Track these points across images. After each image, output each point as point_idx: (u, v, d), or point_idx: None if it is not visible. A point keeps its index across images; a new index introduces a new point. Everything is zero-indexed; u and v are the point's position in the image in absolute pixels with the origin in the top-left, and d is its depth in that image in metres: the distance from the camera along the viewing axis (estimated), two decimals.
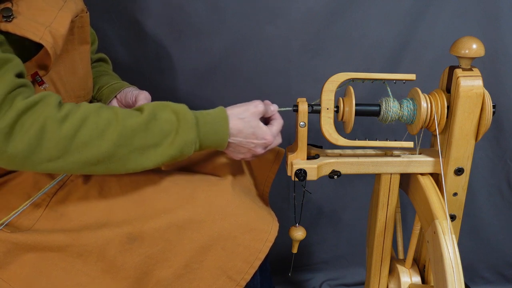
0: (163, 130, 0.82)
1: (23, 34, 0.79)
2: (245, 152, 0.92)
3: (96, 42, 1.17)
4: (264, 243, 0.91)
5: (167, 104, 0.85)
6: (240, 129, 0.88)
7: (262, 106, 0.91)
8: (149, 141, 0.81)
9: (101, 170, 0.80)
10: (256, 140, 0.90)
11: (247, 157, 0.93)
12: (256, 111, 0.90)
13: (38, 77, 0.84)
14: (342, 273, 1.69)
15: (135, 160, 0.81)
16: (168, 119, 0.82)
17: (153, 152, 0.81)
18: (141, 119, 0.80)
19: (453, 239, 0.88)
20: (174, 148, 0.82)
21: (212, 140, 0.87)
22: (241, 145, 0.90)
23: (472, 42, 0.89)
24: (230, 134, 0.88)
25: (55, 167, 0.76)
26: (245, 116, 0.89)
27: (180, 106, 0.85)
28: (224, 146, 0.88)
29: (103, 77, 1.09)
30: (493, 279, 1.67)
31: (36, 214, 0.90)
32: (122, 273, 0.87)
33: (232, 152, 0.92)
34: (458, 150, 0.95)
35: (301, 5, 1.35)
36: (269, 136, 0.91)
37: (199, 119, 0.85)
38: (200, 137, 0.85)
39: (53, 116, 0.74)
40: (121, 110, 0.81)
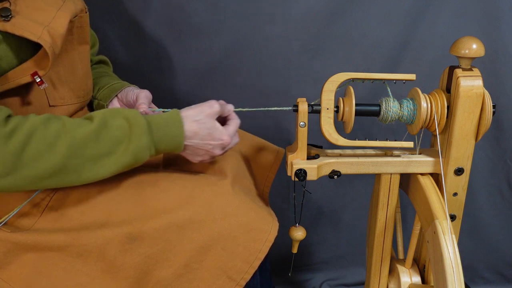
0: (115, 138, 0.81)
1: (21, 34, 0.79)
2: (203, 154, 0.91)
3: (97, 45, 1.17)
4: (264, 243, 0.91)
5: (117, 111, 0.84)
6: (195, 132, 0.88)
7: (218, 106, 0.90)
8: (101, 150, 0.80)
9: (55, 183, 0.79)
10: (213, 142, 0.89)
11: (205, 159, 0.93)
12: (211, 112, 0.89)
13: (38, 77, 0.84)
14: (342, 273, 1.69)
15: (89, 170, 0.80)
16: (120, 125, 0.81)
17: (107, 161, 0.81)
18: (91, 128, 0.79)
19: (453, 239, 0.88)
20: (128, 155, 0.82)
21: (168, 144, 0.86)
22: (198, 147, 0.90)
23: (472, 42, 0.89)
24: (185, 137, 0.87)
25: (4, 185, 0.75)
26: (200, 118, 0.88)
27: (131, 111, 0.84)
28: (180, 149, 0.88)
29: (103, 78, 1.09)
30: (493, 279, 1.67)
31: (36, 213, 0.90)
32: (122, 273, 0.87)
33: (190, 155, 0.92)
34: (458, 150, 0.95)
35: (301, 5, 1.35)
36: (226, 136, 0.90)
37: (152, 124, 0.84)
38: (155, 141, 0.84)
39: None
40: (70, 120, 0.80)
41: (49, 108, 0.91)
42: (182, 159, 1.08)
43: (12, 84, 0.83)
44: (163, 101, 1.46)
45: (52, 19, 0.84)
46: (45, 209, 0.90)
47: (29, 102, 0.88)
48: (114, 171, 0.82)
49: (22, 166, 0.74)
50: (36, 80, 0.84)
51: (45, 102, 0.90)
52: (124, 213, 0.89)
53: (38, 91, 0.88)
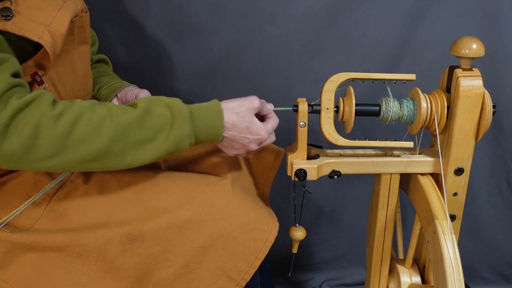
0: (157, 125, 0.82)
1: (22, 34, 0.79)
2: (239, 147, 0.91)
3: (96, 44, 1.17)
4: (264, 243, 0.91)
5: (160, 99, 0.85)
6: (234, 123, 0.88)
7: (258, 102, 0.91)
8: (144, 136, 0.81)
9: (97, 166, 0.80)
10: (250, 136, 0.90)
11: (241, 153, 0.93)
12: (251, 107, 0.90)
13: (38, 77, 0.84)
14: (342, 273, 1.69)
15: (131, 156, 0.81)
16: (162, 113, 0.82)
17: (149, 147, 0.81)
18: (136, 114, 0.80)
19: (453, 239, 0.88)
20: (170, 142, 0.82)
21: (207, 134, 0.87)
22: (235, 140, 0.90)
23: (472, 42, 0.89)
24: (224, 128, 0.87)
25: (51, 165, 0.76)
26: (240, 111, 0.89)
27: (173, 100, 0.85)
28: (218, 139, 0.88)
29: (103, 77, 1.09)
30: (493, 279, 1.67)
31: (36, 214, 0.90)
32: (122, 273, 0.87)
33: (226, 147, 0.92)
34: (458, 150, 0.95)
35: (301, 5, 1.35)
36: (264, 132, 0.91)
37: (194, 113, 0.85)
38: (195, 130, 0.85)
39: (47, 114, 0.74)
40: (115, 106, 0.82)
41: None
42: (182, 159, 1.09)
43: None
44: None
45: (52, 19, 0.84)
46: (45, 209, 0.90)
47: None
48: (155, 157, 0.83)
49: (69, 148, 0.76)
50: (37, 80, 0.84)
51: None
52: (124, 213, 0.89)
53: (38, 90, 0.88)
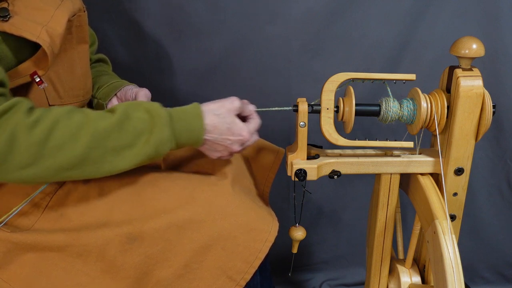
0: (136, 130, 0.81)
1: (20, 34, 0.79)
2: (221, 150, 0.91)
3: (96, 43, 1.16)
4: (264, 243, 0.91)
5: (140, 103, 0.84)
6: (215, 125, 0.87)
7: (238, 103, 0.90)
8: (123, 141, 0.80)
9: (76, 174, 0.79)
10: (232, 137, 0.89)
11: (224, 155, 0.92)
12: (232, 107, 0.89)
13: (37, 77, 0.84)
14: (342, 273, 1.69)
15: (110, 162, 0.80)
16: (141, 118, 0.82)
17: (128, 153, 0.81)
18: (114, 119, 0.80)
19: (453, 239, 0.88)
20: (149, 147, 0.82)
21: (188, 137, 0.86)
22: (217, 142, 0.89)
23: (472, 42, 0.89)
24: (205, 130, 0.87)
25: (28, 175, 0.75)
26: (220, 112, 0.88)
27: (153, 104, 0.84)
28: (200, 143, 0.88)
29: (102, 77, 1.09)
30: (493, 279, 1.67)
31: (36, 214, 0.90)
32: (122, 273, 0.87)
33: (209, 150, 0.91)
34: (458, 150, 0.95)
35: (301, 5, 1.35)
36: (246, 132, 0.90)
37: (173, 116, 0.85)
38: (176, 134, 0.85)
39: (22, 122, 0.73)
40: (93, 112, 0.81)
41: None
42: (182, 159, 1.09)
43: (11, 85, 0.83)
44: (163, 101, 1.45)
45: (50, 18, 0.84)
46: (45, 209, 0.90)
47: None
48: (135, 163, 0.82)
49: (46, 156, 0.75)
50: (36, 80, 0.84)
51: (44, 102, 0.90)
52: (124, 213, 0.89)
53: (38, 91, 0.88)
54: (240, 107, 0.91)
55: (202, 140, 0.88)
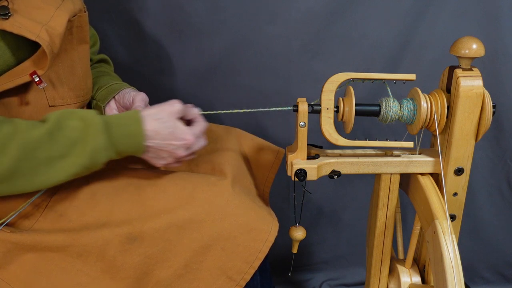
0: (70, 139, 0.78)
1: (20, 33, 0.79)
2: (166, 156, 0.88)
3: (97, 44, 1.16)
4: (264, 243, 0.91)
5: (73, 112, 0.81)
6: (156, 130, 0.84)
7: (179, 106, 0.87)
8: (55, 152, 0.77)
9: (7, 189, 0.77)
10: (175, 141, 0.86)
11: (169, 162, 0.89)
12: (172, 111, 0.86)
13: (36, 76, 0.83)
14: (342, 273, 1.69)
15: (43, 174, 0.77)
16: (75, 126, 0.79)
17: (62, 163, 0.78)
18: (45, 129, 0.77)
19: (453, 239, 0.88)
20: (84, 156, 0.79)
21: (128, 144, 0.83)
22: (161, 148, 0.86)
23: (472, 42, 0.89)
24: (146, 136, 0.84)
25: None
26: (161, 117, 0.85)
27: (88, 112, 0.81)
28: (141, 150, 0.85)
29: (103, 78, 1.09)
30: (493, 279, 1.67)
31: (36, 214, 0.90)
32: (122, 273, 0.87)
33: (153, 158, 0.88)
34: (458, 150, 0.95)
35: (301, 5, 1.35)
36: (190, 136, 0.87)
37: (110, 124, 0.81)
38: (114, 142, 0.82)
39: None
40: (23, 122, 0.78)
41: (49, 109, 0.91)
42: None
43: (11, 84, 0.83)
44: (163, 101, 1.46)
45: (50, 18, 0.84)
46: (45, 210, 0.90)
47: (28, 102, 0.88)
48: (71, 174, 0.80)
49: None
50: (35, 79, 0.83)
51: (44, 103, 0.90)
52: (124, 213, 0.89)
53: (38, 91, 0.88)
54: (182, 110, 0.88)
55: (143, 147, 0.84)
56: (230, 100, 1.46)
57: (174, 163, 0.90)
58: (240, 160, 1.08)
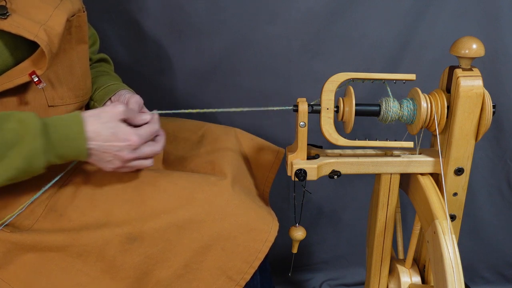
0: (6, 141, 0.76)
1: (18, 32, 0.79)
2: (111, 159, 0.84)
3: (97, 43, 1.16)
4: (264, 243, 0.91)
5: (12, 113, 0.78)
6: (97, 131, 0.81)
7: (122, 107, 0.84)
8: None
9: None
10: (118, 143, 0.83)
11: (117, 165, 0.86)
12: (114, 112, 0.83)
13: (35, 76, 0.83)
14: (342, 273, 1.69)
15: None
16: (12, 128, 0.76)
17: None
18: None
19: (453, 239, 0.88)
20: (20, 159, 0.76)
21: (69, 147, 0.80)
22: (104, 150, 0.83)
23: (472, 42, 0.89)
24: (87, 138, 0.81)
25: None
26: (102, 117, 0.82)
27: (27, 114, 0.78)
28: (84, 153, 0.81)
29: (101, 77, 1.08)
30: (493, 279, 1.67)
31: (36, 214, 0.90)
32: (122, 273, 0.87)
33: (99, 161, 0.85)
34: (458, 150, 0.95)
35: (301, 5, 1.35)
36: (134, 136, 0.84)
37: (49, 126, 0.78)
38: (53, 144, 0.79)
39: None
40: None
41: (48, 109, 0.91)
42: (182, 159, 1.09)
43: (10, 84, 0.83)
44: (163, 101, 1.47)
45: (49, 17, 0.84)
46: (45, 209, 0.90)
47: (27, 102, 0.88)
48: (6, 178, 0.77)
49: None
50: (34, 79, 0.83)
51: (43, 103, 0.90)
52: (124, 213, 0.89)
53: (37, 91, 0.88)
54: (125, 112, 0.84)
55: (86, 150, 0.81)
56: (230, 100, 1.46)
57: (123, 167, 0.87)
58: (240, 160, 1.08)
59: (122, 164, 0.86)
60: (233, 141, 1.11)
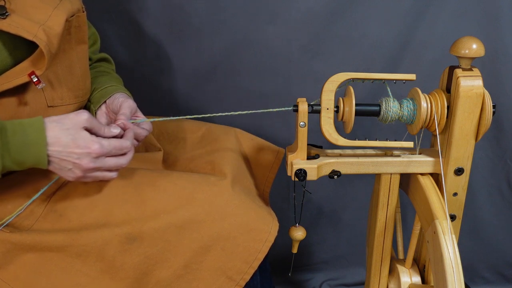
0: None
1: (17, 32, 0.79)
2: (71, 167, 0.81)
3: (98, 43, 1.16)
4: (264, 243, 0.91)
5: None
6: (57, 137, 0.78)
7: (86, 115, 0.81)
8: None
9: None
10: (77, 149, 0.79)
11: (77, 175, 0.82)
12: (77, 119, 0.80)
13: (34, 76, 0.83)
14: (342, 273, 1.69)
15: None
16: None
17: None
18: None
19: (453, 239, 0.88)
20: None
21: (28, 152, 0.77)
22: (63, 158, 0.79)
23: (472, 42, 0.89)
24: (47, 144, 0.77)
25: None
26: (64, 122, 0.79)
27: None
28: (43, 159, 0.78)
29: (100, 78, 1.07)
30: (493, 279, 1.67)
31: (36, 214, 0.90)
32: (121, 274, 0.87)
33: (59, 169, 0.81)
34: (458, 150, 0.95)
35: (301, 5, 1.35)
36: (95, 144, 0.80)
37: (7, 130, 0.76)
38: (9, 149, 0.76)
39: None
40: None
41: (48, 109, 0.91)
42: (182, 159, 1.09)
43: (9, 85, 0.83)
44: (163, 101, 1.47)
45: (48, 17, 0.83)
46: (45, 210, 0.90)
47: (27, 102, 0.88)
48: None
49: None
50: (33, 80, 0.83)
51: (43, 103, 0.90)
52: (124, 213, 0.88)
53: (36, 91, 0.88)
54: (88, 121, 0.81)
55: (45, 156, 0.78)
56: (230, 100, 1.46)
57: (84, 177, 0.83)
58: (240, 160, 1.08)
59: (82, 174, 0.82)
60: (233, 141, 1.11)
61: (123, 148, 0.85)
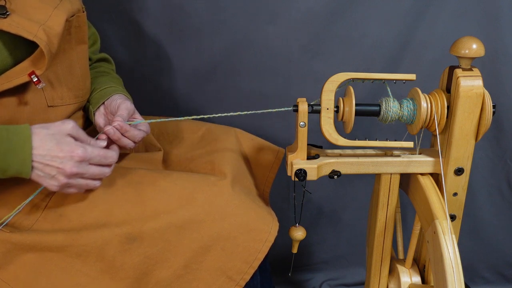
0: None
1: (17, 32, 0.79)
2: (55, 173, 0.80)
3: (98, 43, 1.16)
4: (264, 243, 0.91)
5: None
6: (42, 140, 0.78)
7: (71, 124, 0.81)
8: None
9: None
10: (61, 153, 0.79)
11: (61, 182, 0.81)
12: (63, 127, 0.80)
13: (34, 76, 0.83)
14: (342, 273, 1.69)
15: None
16: None
17: None
18: None
19: (453, 239, 0.88)
20: None
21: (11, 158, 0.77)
22: (47, 163, 0.79)
23: (472, 42, 0.89)
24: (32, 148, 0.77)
25: None
26: (49, 127, 0.80)
27: None
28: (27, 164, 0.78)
29: (100, 78, 1.07)
30: (493, 279, 1.67)
31: (36, 214, 0.90)
32: (121, 274, 0.87)
33: (43, 177, 0.81)
34: (458, 150, 0.95)
35: (301, 5, 1.35)
36: (79, 149, 0.80)
37: None
38: None
39: None
40: None
41: (48, 109, 0.91)
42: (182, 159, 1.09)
43: (9, 84, 0.83)
44: (163, 101, 1.47)
45: (48, 17, 0.84)
46: (45, 210, 0.90)
47: (27, 102, 0.88)
48: None
49: None
50: (33, 79, 0.83)
51: (43, 103, 0.90)
52: (124, 213, 0.88)
53: (36, 91, 0.88)
54: (72, 130, 0.81)
55: (29, 161, 0.78)
56: (230, 100, 1.46)
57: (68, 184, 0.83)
58: (240, 160, 1.08)
59: (66, 180, 0.81)
60: (233, 141, 1.11)
61: (107, 157, 0.85)
